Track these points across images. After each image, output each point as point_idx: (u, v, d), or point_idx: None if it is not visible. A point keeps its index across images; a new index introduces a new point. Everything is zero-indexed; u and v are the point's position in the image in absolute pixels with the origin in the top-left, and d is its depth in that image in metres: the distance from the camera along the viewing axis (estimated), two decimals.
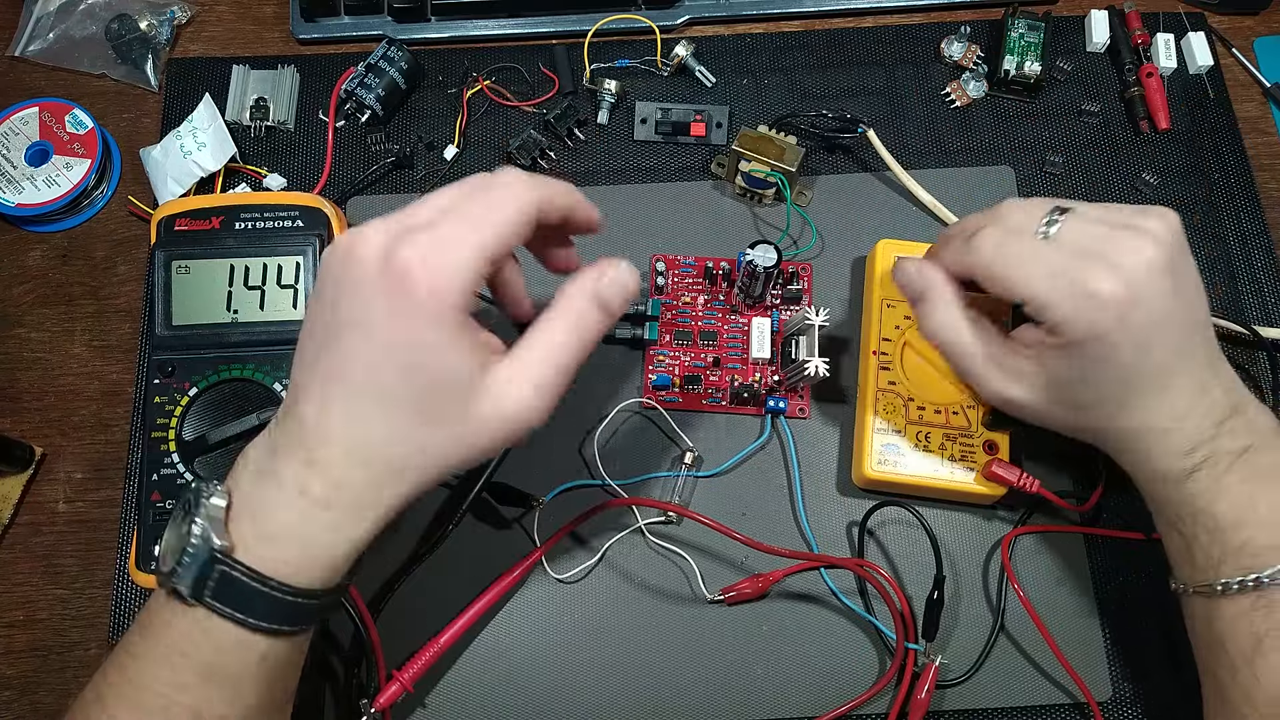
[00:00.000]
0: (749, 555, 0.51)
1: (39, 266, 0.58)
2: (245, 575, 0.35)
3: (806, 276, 0.57)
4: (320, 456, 0.35)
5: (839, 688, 0.49)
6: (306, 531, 0.35)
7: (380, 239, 0.35)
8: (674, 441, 0.53)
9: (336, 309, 0.35)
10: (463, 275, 0.35)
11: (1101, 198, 0.59)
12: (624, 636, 0.50)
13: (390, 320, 0.34)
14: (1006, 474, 0.49)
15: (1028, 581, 0.50)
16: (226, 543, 0.35)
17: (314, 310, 0.37)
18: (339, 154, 0.60)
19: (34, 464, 0.54)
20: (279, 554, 0.35)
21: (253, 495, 0.36)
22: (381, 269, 0.34)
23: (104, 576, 0.52)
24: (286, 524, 0.35)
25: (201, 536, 0.35)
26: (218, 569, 0.35)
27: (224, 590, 0.35)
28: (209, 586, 0.35)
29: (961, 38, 0.62)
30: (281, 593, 0.35)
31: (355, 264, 0.35)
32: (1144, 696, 0.49)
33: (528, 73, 0.62)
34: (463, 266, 0.35)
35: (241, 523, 0.36)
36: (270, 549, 0.35)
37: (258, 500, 0.36)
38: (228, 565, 0.35)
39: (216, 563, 0.35)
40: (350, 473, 0.35)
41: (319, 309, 0.37)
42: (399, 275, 0.34)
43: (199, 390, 0.50)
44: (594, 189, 0.59)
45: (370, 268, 0.34)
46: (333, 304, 0.35)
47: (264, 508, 0.36)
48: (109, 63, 0.62)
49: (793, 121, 0.58)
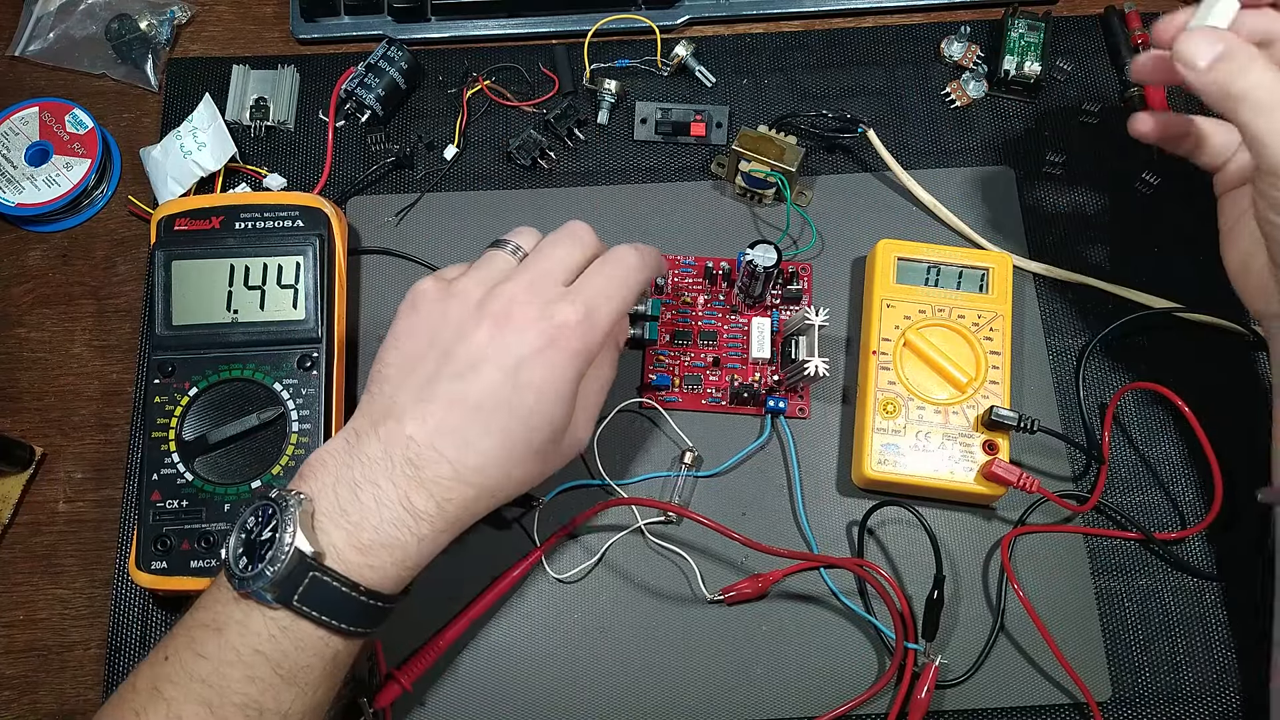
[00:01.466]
0: (749, 555, 0.51)
1: (39, 266, 0.58)
2: (337, 582, 0.37)
3: (806, 276, 0.57)
4: (429, 475, 0.38)
5: (839, 688, 0.49)
6: (401, 542, 0.38)
7: (534, 296, 0.40)
8: (674, 441, 0.53)
9: (467, 340, 0.40)
10: (605, 335, 0.41)
11: (1101, 198, 0.59)
12: (624, 636, 0.50)
13: (535, 367, 0.39)
14: (1006, 474, 0.49)
15: (1028, 581, 0.50)
16: (318, 549, 0.37)
17: (421, 334, 0.41)
18: (339, 154, 0.60)
19: (34, 464, 0.54)
20: (369, 561, 0.38)
21: (348, 505, 0.38)
22: (540, 319, 0.39)
23: (104, 576, 0.52)
24: (383, 534, 0.38)
25: (293, 543, 0.36)
26: (310, 575, 0.36)
27: (314, 595, 0.37)
28: (298, 592, 0.36)
29: (961, 38, 0.62)
30: (368, 598, 0.38)
31: (512, 307, 0.40)
32: (1144, 696, 0.49)
33: (528, 73, 0.62)
34: (607, 329, 0.41)
35: (331, 531, 0.38)
36: (361, 556, 0.38)
37: (355, 510, 0.38)
38: (319, 571, 0.37)
39: (310, 569, 0.36)
40: (455, 491, 0.39)
41: (431, 333, 0.40)
42: (557, 328, 0.39)
43: (199, 390, 0.50)
44: (594, 189, 0.59)
45: (529, 313, 0.40)
46: (463, 335, 0.40)
47: (361, 518, 0.38)
48: (109, 63, 0.62)
49: (793, 121, 0.58)
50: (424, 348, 0.40)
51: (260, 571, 0.36)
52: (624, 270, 0.43)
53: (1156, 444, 0.54)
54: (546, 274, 0.42)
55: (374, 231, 0.58)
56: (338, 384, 0.51)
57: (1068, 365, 0.55)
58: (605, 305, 0.41)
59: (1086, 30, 0.63)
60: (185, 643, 0.38)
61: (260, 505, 0.39)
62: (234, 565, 0.38)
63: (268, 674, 0.37)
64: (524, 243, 0.44)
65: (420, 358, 0.40)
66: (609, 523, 0.52)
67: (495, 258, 0.44)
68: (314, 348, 0.51)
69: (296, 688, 0.37)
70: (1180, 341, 0.55)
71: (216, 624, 0.37)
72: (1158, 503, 0.53)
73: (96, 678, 0.50)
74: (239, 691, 0.36)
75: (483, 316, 0.40)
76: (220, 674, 0.36)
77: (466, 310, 0.41)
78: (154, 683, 0.37)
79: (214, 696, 0.36)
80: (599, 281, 0.42)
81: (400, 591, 0.40)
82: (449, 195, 0.59)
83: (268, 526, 0.37)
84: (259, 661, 0.37)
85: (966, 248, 0.55)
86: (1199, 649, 0.50)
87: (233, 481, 0.49)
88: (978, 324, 0.52)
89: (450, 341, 0.40)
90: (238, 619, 0.37)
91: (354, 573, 0.37)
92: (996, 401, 0.51)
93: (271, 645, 0.37)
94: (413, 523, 0.38)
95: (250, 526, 0.38)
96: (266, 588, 0.36)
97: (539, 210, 0.59)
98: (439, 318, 0.41)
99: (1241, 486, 0.52)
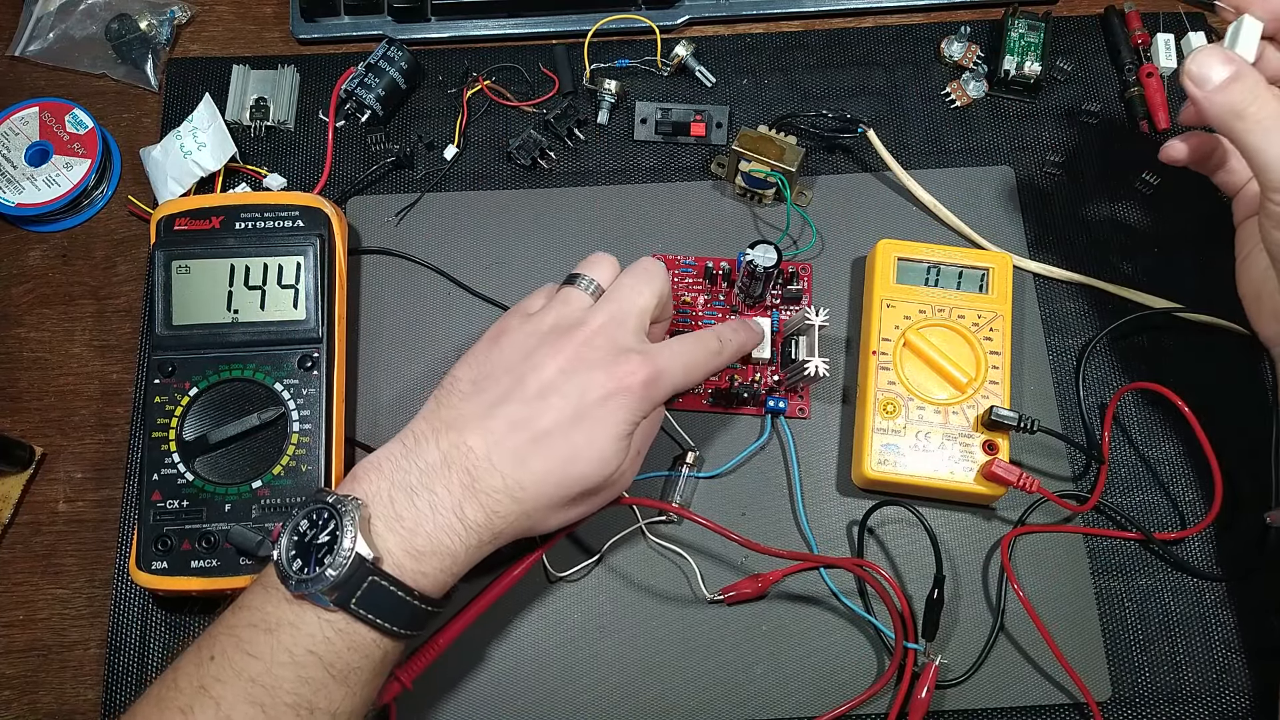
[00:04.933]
0: (749, 555, 0.51)
1: (39, 266, 0.58)
2: (393, 586, 0.38)
3: (806, 276, 0.57)
4: (484, 486, 0.40)
5: (839, 688, 0.49)
6: (451, 550, 0.40)
7: (608, 341, 0.42)
8: (674, 441, 0.53)
9: (540, 371, 0.42)
10: (666, 397, 0.44)
11: (1102, 198, 0.59)
12: (624, 636, 0.50)
13: (601, 409, 0.41)
14: (1006, 474, 0.49)
15: (1028, 581, 0.50)
16: (376, 554, 0.38)
17: (499, 360, 0.43)
18: (339, 154, 0.60)
19: (34, 464, 0.54)
20: (421, 567, 0.39)
21: (404, 510, 0.39)
22: (610, 364, 0.42)
23: (104, 576, 0.52)
24: (435, 541, 0.39)
25: (354, 548, 0.37)
26: (369, 579, 0.37)
27: (371, 599, 0.38)
28: (356, 595, 0.37)
29: (961, 38, 0.62)
30: (421, 603, 0.39)
31: (586, 347, 0.42)
32: (1144, 696, 0.49)
33: (528, 73, 0.62)
34: (670, 393, 0.44)
35: (387, 536, 0.39)
36: (415, 562, 0.39)
37: (410, 516, 0.39)
38: (378, 576, 0.38)
39: (368, 574, 0.37)
40: (503, 505, 0.40)
41: (509, 361, 0.42)
42: (625, 376, 0.41)
43: (199, 390, 0.50)
44: (594, 189, 0.59)
45: (601, 357, 0.42)
46: (537, 366, 0.42)
47: (416, 524, 0.39)
48: (109, 63, 0.62)
49: (793, 121, 0.58)
50: (499, 372, 0.42)
51: (320, 575, 0.37)
52: (702, 356, 0.46)
53: (1156, 444, 0.54)
54: (621, 318, 0.43)
55: (374, 231, 0.58)
56: (338, 384, 0.51)
57: (1068, 365, 0.55)
58: (672, 376, 0.43)
59: (1086, 30, 0.63)
60: (232, 643, 0.38)
61: (315, 509, 0.39)
62: (287, 567, 0.38)
63: (320, 674, 0.37)
64: (599, 274, 0.46)
65: (493, 380, 0.42)
66: (609, 523, 0.52)
67: (571, 295, 0.45)
68: (314, 348, 0.51)
69: (347, 687, 0.38)
70: (1180, 341, 0.55)
71: (267, 625, 0.38)
72: (1158, 503, 0.53)
73: (96, 678, 0.50)
74: (291, 691, 0.37)
75: (558, 352, 0.42)
76: (272, 674, 0.37)
77: (543, 344, 0.43)
78: (199, 682, 0.37)
79: (265, 696, 0.37)
80: (675, 356, 0.44)
81: (444, 595, 0.41)
82: (449, 195, 0.59)
83: (324, 530, 0.38)
84: (312, 662, 0.37)
85: (966, 248, 0.55)
86: (1199, 649, 0.50)
87: (233, 481, 0.49)
88: (978, 324, 0.52)
89: (525, 370, 0.42)
90: (290, 620, 0.38)
91: (407, 577, 0.39)
92: (996, 401, 0.51)
93: (326, 647, 0.37)
94: (463, 531, 0.39)
95: (304, 529, 0.39)
96: (325, 590, 0.37)
97: (539, 210, 0.59)
98: (519, 348, 0.43)
99: (1241, 487, 0.52)
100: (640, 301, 0.44)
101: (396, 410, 0.55)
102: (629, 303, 0.44)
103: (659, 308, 0.46)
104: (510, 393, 0.41)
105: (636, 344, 0.43)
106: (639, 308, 0.44)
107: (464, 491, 0.40)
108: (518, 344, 0.43)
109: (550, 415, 0.41)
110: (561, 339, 0.42)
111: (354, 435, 0.54)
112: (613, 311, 0.44)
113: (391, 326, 0.56)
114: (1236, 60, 0.43)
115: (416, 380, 0.55)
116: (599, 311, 0.44)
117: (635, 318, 0.44)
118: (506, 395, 0.41)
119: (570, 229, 0.58)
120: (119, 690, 0.50)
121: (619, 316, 0.43)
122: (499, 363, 0.43)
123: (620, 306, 0.44)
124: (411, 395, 0.55)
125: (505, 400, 0.41)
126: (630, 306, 0.44)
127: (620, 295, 0.44)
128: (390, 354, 0.56)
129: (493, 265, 0.57)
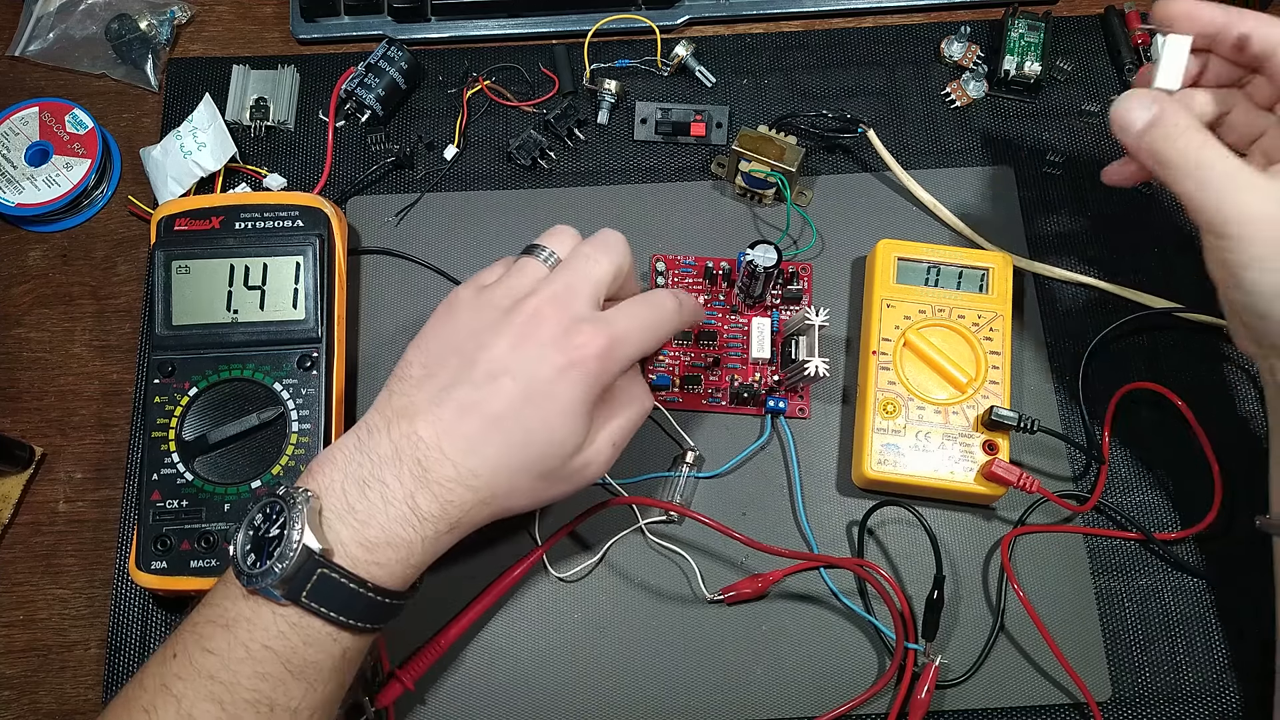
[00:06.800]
0: (749, 555, 0.51)
1: (39, 266, 0.58)
2: (344, 579, 0.37)
3: (806, 276, 0.57)
4: (435, 476, 0.39)
5: (839, 688, 0.49)
6: (407, 541, 0.38)
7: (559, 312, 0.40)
8: (675, 441, 0.53)
9: (489, 349, 0.40)
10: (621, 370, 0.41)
11: (1101, 198, 0.59)
12: (624, 636, 0.50)
13: (551, 384, 0.39)
14: (1006, 474, 0.49)
15: (1028, 581, 0.50)
16: (326, 546, 0.37)
17: (448, 340, 0.41)
18: (339, 154, 0.60)
19: (34, 464, 0.54)
20: (375, 558, 0.38)
21: (356, 502, 0.38)
22: (562, 336, 0.40)
23: (104, 576, 0.52)
24: (389, 532, 0.38)
25: (301, 540, 0.36)
26: (318, 572, 0.37)
27: (321, 592, 0.37)
28: (306, 588, 0.37)
29: (961, 38, 0.62)
30: (376, 595, 0.38)
31: (536, 321, 0.40)
32: (1144, 696, 0.49)
33: (528, 73, 0.62)
34: (625, 365, 0.41)
35: (338, 527, 0.38)
36: (368, 554, 0.38)
37: (363, 508, 0.38)
38: (328, 568, 0.37)
39: (317, 566, 0.37)
40: (457, 494, 0.39)
41: (458, 340, 0.41)
42: (577, 349, 0.39)
43: (199, 390, 0.50)
44: (594, 189, 0.59)
45: (552, 330, 0.40)
46: (485, 344, 0.40)
47: (368, 515, 0.38)
48: (109, 63, 0.62)
49: (793, 121, 0.58)
50: (448, 354, 0.41)
51: (269, 569, 0.36)
52: (659, 316, 0.44)
53: (1156, 444, 0.54)
54: (574, 288, 0.41)
55: (374, 231, 0.58)
56: (338, 384, 0.51)
57: (1068, 365, 0.55)
58: (629, 343, 0.41)
59: (1086, 30, 0.63)
60: (193, 640, 0.38)
61: (268, 502, 0.39)
62: (242, 562, 0.38)
63: (277, 670, 0.37)
64: (558, 246, 0.44)
65: (443, 363, 0.41)
66: (609, 522, 0.52)
67: (527, 266, 0.43)
68: (314, 348, 0.51)
69: (305, 683, 0.38)
70: (1180, 341, 0.55)
71: (224, 620, 0.38)
72: (1158, 503, 0.53)
73: (96, 678, 0.50)
74: (249, 687, 0.37)
75: (507, 327, 0.40)
76: (230, 670, 0.37)
77: (493, 320, 0.41)
78: (162, 680, 0.37)
79: (224, 693, 0.36)
80: (631, 318, 0.42)
81: (408, 589, 0.40)
82: (449, 195, 0.59)
83: (276, 524, 0.38)
84: (268, 657, 0.37)
85: (966, 248, 0.55)
86: (1199, 649, 0.50)
87: (233, 481, 0.49)
88: (978, 324, 0.52)
89: (474, 350, 0.40)
90: (246, 615, 0.37)
91: (361, 569, 0.38)
92: (996, 401, 0.51)
93: (281, 641, 0.37)
94: (417, 522, 0.38)
95: (258, 524, 0.39)
96: (275, 584, 0.36)
97: (539, 210, 0.59)
98: (467, 326, 0.41)
99: (1241, 487, 0.52)
100: (596, 271, 0.42)
101: None
102: (584, 271, 0.42)
103: (618, 281, 0.43)
104: (459, 376, 0.40)
105: (589, 314, 0.41)
106: (594, 278, 0.42)
107: (415, 482, 0.38)
108: (467, 320, 0.41)
109: (501, 398, 0.39)
110: (511, 314, 0.41)
111: None
112: (567, 280, 0.41)
113: (391, 326, 0.56)
114: (1161, 101, 0.42)
115: None
116: (552, 281, 0.42)
117: (590, 286, 0.42)
118: (455, 379, 0.40)
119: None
120: (119, 690, 0.50)
121: (573, 285, 0.41)
122: (448, 342, 0.41)
123: (575, 275, 0.42)
124: None
125: (454, 384, 0.40)
126: (585, 275, 0.42)
127: (575, 264, 0.42)
128: (390, 354, 0.56)
129: None
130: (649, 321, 0.43)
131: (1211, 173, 0.40)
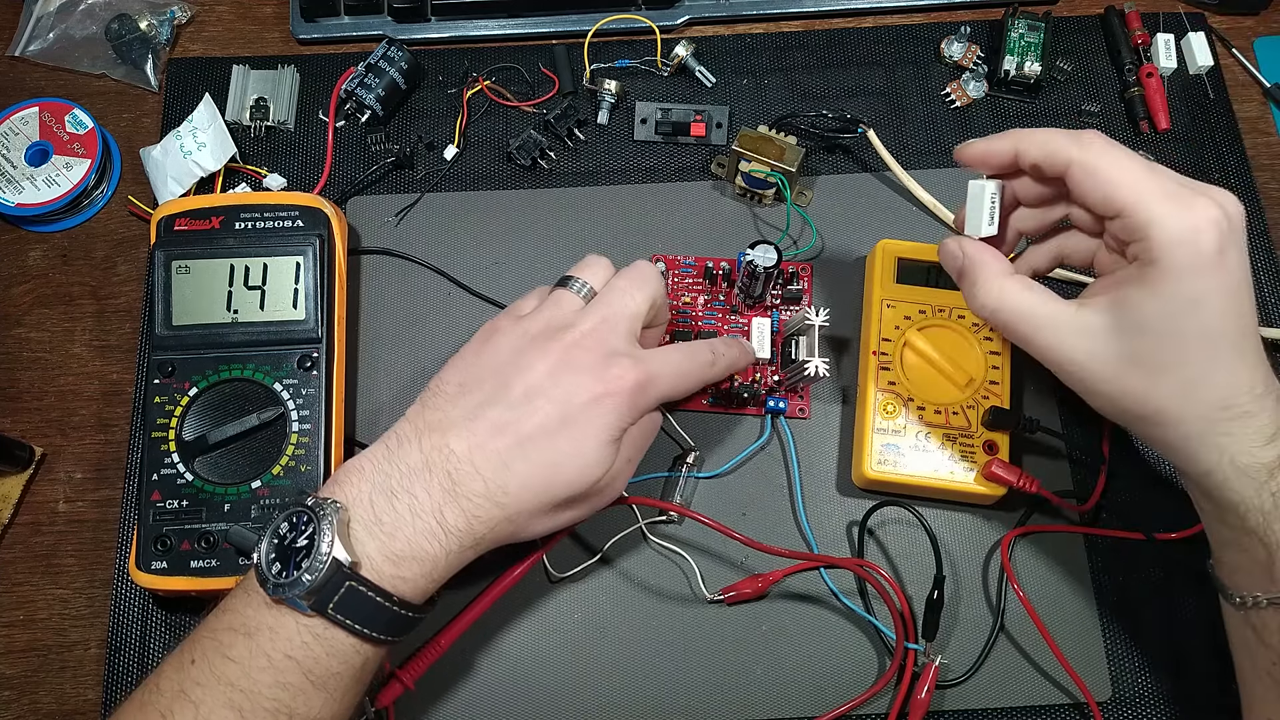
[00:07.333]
0: (749, 555, 0.51)
1: (39, 266, 0.58)
2: (371, 592, 0.37)
3: (806, 276, 0.57)
4: (464, 490, 0.39)
5: (839, 688, 0.49)
6: (431, 555, 0.39)
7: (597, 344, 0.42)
8: (675, 441, 0.53)
9: (526, 374, 0.41)
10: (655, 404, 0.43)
11: None
12: (624, 636, 0.50)
13: (588, 411, 0.40)
14: (1006, 474, 0.49)
15: (1028, 581, 0.50)
16: (354, 559, 0.37)
17: (487, 362, 0.42)
18: (339, 154, 0.60)
19: (34, 464, 0.54)
20: (400, 572, 0.38)
21: (384, 514, 0.39)
22: (598, 367, 0.41)
23: (104, 576, 0.52)
24: (414, 545, 0.38)
25: (331, 552, 0.37)
26: (346, 584, 0.37)
27: (349, 604, 0.37)
28: (334, 600, 0.37)
29: (961, 38, 0.62)
30: (400, 608, 0.38)
31: (574, 351, 0.41)
32: (1144, 696, 0.49)
33: (528, 73, 0.62)
34: (658, 401, 0.43)
35: (365, 540, 0.38)
36: (394, 567, 0.38)
37: (390, 520, 0.38)
38: (356, 581, 0.37)
39: (346, 579, 0.37)
40: (484, 510, 0.39)
41: (497, 363, 0.42)
42: (614, 382, 0.41)
43: (199, 390, 0.50)
44: (594, 189, 0.59)
45: (590, 360, 0.41)
46: (523, 369, 0.41)
47: (395, 528, 0.38)
48: (109, 63, 0.62)
49: (793, 121, 0.58)
50: (485, 374, 0.42)
51: (296, 579, 0.36)
52: (692, 367, 0.45)
53: None
54: (611, 322, 0.43)
55: (374, 231, 0.58)
56: (338, 384, 0.51)
57: None
58: (664, 381, 0.43)
59: (1086, 30, 0.63)
60: (212, 646, 0.38)
61: (294, 511, 0.39)
62: (266, 570, 0.38)
63: (299, 679, 0.37)
64: (592, 277, 0.45)
65: (479, 382, 0.42)
66: (609, 522, 0.52)
67: (562, 298, 0.44)
68: (314, 348, 0.51)
69: (326, 693, 0.38)
70: None
71: (246, 628, 0.38)
72: (1158, 503, 0.53)
73: (96, 678, 0.50)
74: (269, 696, 0.37)
75: (545, 355, 0.41)
76: (250, 678, 0.37)
77: (531, 347, 0.42)
78: (180, 685, 0.37)
79: (244, 700, 0.36)
80: (665, 364, 0.43)
81: (426, 602, 0.40)
82: (449, 195, 0.59)
83: (303, 534, 0.38)
84: (290, 667, 0.37)
85: None
86: (1199, 649, 0.50)
87: (233, 481, 0.49)
88: (978, 324, 0.52)
89: (511, 373, 0.41)
90: (269, 624, 0.37)
91: (386, 583, 0.38)
92: (996, 401, 0.51)
93: (304, 651, 0.37)
94: (443, 536, 0.39)
95: (284, 532, 0.39)
96: (302, 595, 0.36)
97: (539, 210, 0.59)
98: (506, 351, 0.42)
99: None
100: (632, 305, 0.43)
101: (396, 410, 0.54)
102: (621, 306, 0.43)
103: (652, 312, 0.45)
104: (495, 395, 0.41)
105: (627, 348, 0.42)
106: (631, 312, 0.43)
107: (444, 495, 0.39)
108: (506, 346, 0.43)
109: (535, 419, 0.40)
110: (550, 342, 0.42)
111: (354, 435, 0.54)
112: (604, 314, 0.43)
113: (391, 326, 0.56)
114: (967, 254, 0.42)
115: (416, 380, 0.55)
116: (590, 314, 0.43)
117: (627, 321, 0.43)
118: (491, 398, 0.41)
119: (570, 229, 0.58)
120: (119, 690, 0.50)
121: (610, 320, 0.43)
122: (486, 365, 0.42)
123: (612, 310, 0.43)
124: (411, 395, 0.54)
125: (490, 403, 0.41)
126: (622, 310, 0.43)
127: (612, 298, 0.44)
128: (390, 354, 0.56)
129: (492, 265, 0.57)
130: (682, 370, 0.45)
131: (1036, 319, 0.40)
